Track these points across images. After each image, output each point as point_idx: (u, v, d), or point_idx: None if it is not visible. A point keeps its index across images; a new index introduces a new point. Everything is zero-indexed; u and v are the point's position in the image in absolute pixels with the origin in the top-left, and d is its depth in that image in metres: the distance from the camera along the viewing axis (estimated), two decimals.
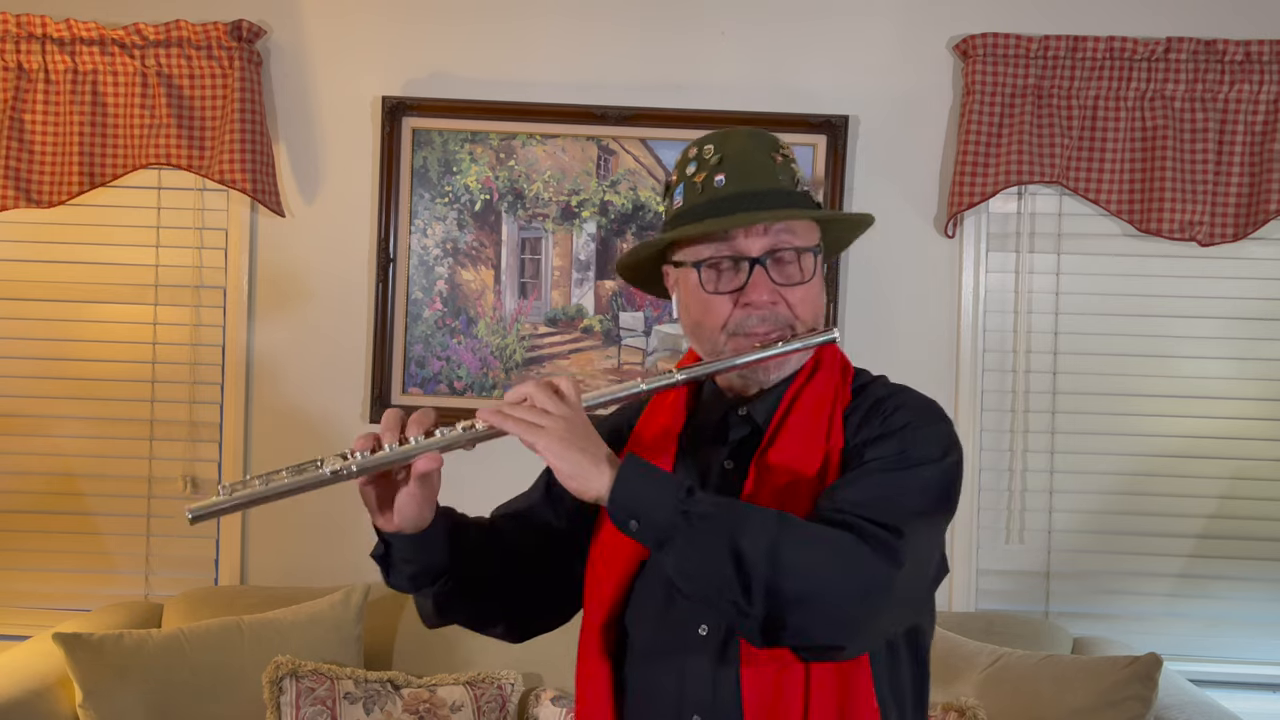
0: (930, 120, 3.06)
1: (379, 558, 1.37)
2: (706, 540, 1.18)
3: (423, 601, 1.42)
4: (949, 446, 1.34)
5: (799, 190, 1.39)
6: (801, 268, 1.37)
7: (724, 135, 1.41)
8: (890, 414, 1.34)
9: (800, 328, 1.37)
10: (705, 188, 1.37)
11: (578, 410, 1.25)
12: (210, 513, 1.24)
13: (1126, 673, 2.51)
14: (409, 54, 3.10)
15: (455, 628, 1.48)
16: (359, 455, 1.25)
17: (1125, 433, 3.06)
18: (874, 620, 1.21)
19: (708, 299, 1.36)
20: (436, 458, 1.25)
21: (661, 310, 3.08)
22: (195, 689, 2.66)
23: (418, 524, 1.30)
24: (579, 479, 1.20)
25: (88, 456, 3.16)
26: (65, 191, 3.02)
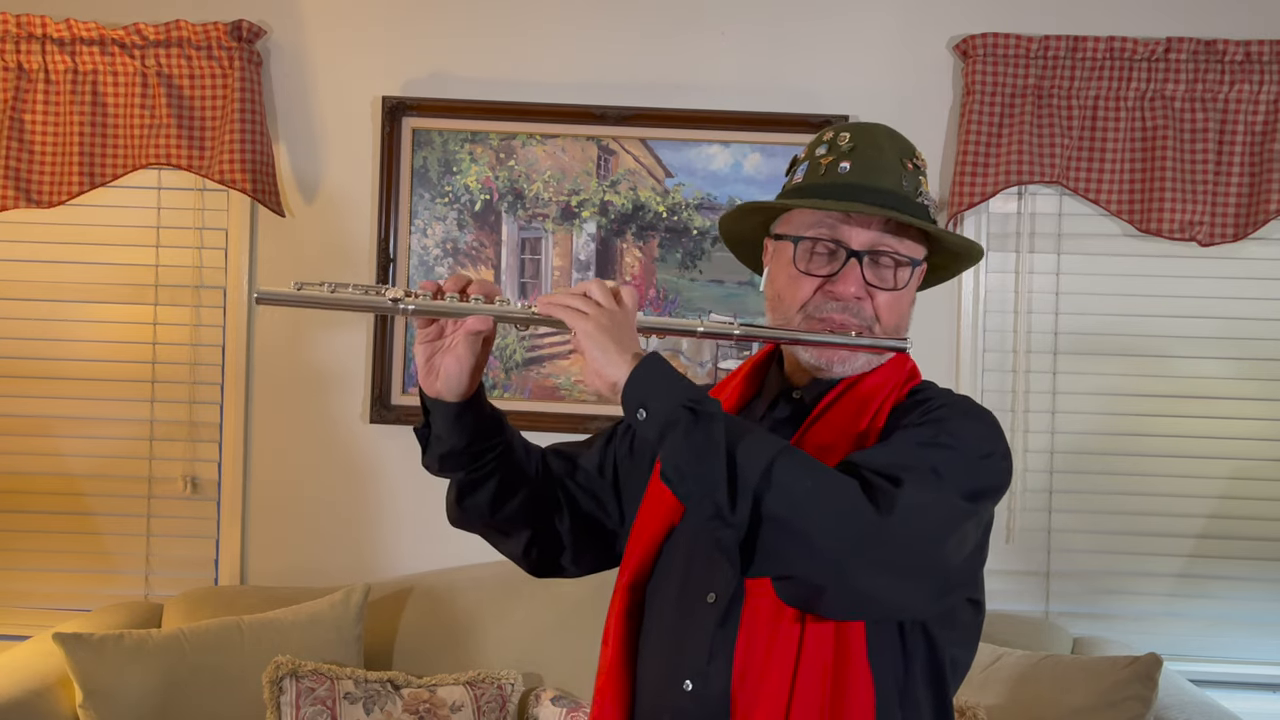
0: (930, 120, 3.06)
1: (418, 432, 1.41)
2: (705, 436, 1.17)
3: (450, 491, 1.45)
4: (992, 451, 1.30)
5: (919, 201, 1.38)
6: (897, 275, 1.36)
7: (862, 127, 1.41)
8: (936, 408, 1.33)
9: (880, 331, 1.36)
10: (829, 171, 1.37)
11: (628, 314, 1.29)
12: (275, 299, 1.30)
13: (1126, 673, 2.51)
14: (409, 54, 3.10)
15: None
16: (421, 296, 1.31)
17: (1125, 433, 3.06)
18: (855, 566, 1.16)
19: (796, 275, 1.36)
20: (488, 320, 1.32)
21: (661, 310, 3.08)
22: (195, 689, 2.66)
23: (457, 390, 1.35)
24: (603, 363, 1.23)
25: (88, 457, 3.16)
26: (65, 191, 3.02)
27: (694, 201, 3.07)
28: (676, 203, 3.07)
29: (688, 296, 3.07)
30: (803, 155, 1.43)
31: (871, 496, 1.17)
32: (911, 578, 1.22)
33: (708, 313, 3.05)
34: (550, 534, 1.49)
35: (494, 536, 1.50)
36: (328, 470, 3.12)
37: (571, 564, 1.52)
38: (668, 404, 1.20)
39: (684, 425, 1.18)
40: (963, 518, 1.25)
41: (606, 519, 1.50)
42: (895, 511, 1.17)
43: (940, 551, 1.23)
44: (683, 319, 1.35)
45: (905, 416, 1.33)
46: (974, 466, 1.27)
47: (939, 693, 1.32)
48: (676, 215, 3.07)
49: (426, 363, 1.36)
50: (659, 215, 3.07)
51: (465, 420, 1.37)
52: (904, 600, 1.24)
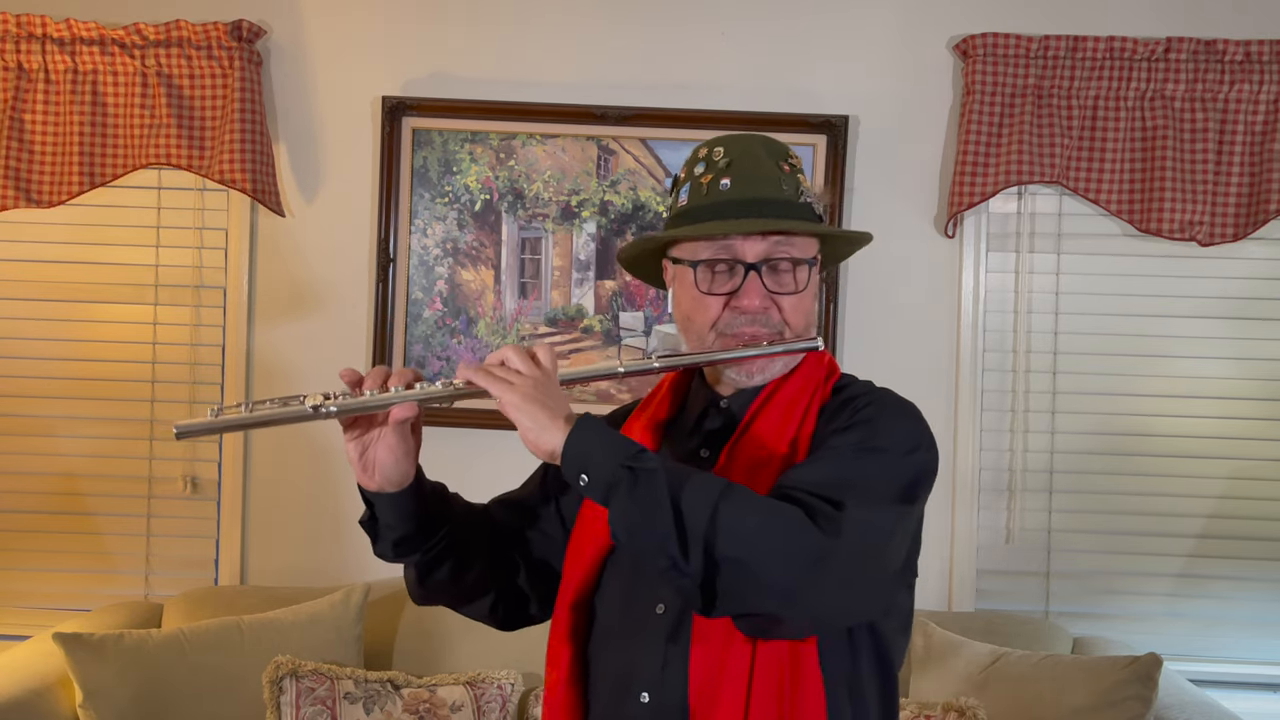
0: (930, 120, 3.06)
1: (365, 524, 1.42)
2: (649, 494, 1.20)
3: (408, 573, 1.46)
4: (918, 444, 1.34)
5: (802, 201, 1.41)
6: (796, 278, 1.40)
7: (734, 139, 1.44)
8: (861, 408, 1.36)
9: (790, 334, 1.40)
10: (710, 190, 1.40)
11: (550, 375, 1.30)
12: (195, 431, 1.28)
13: (1126, 673, 2.51)
14: (409, 54, 3.10)
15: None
16: (341, 395, 1.30)
17: (1125, 432, 3.06)
18: (810, 592, 1.20)
19: (701, 298, 1.39)
20: (413, 406, 1.31)
21: (661, 310, 3.08)
22: (195, 689, 2.66)
23: (397, 480, 1.35)
24: (536, 432, 1.24)
25: (88, 456, 3.16)
26: (65, 191, 3.02)
27: None
28: None
29: None
30: (683, 175, 1.46)
31: (817, 522, 1.20)
32: (862, 590, 1.27)
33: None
34: (513, 590, 1.51)
35: (458, 605, 1.51)
36: (328, 470, 3.12)
37: (539, 611, 1.53)
38: (607, 467, 1.22)
39: (625, 485, 1.20)
40: (900, 520, 1.30)
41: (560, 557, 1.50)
42: (842, 534, 1.20)
43: (884, 559, 1.28)
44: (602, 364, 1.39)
45: (833, 418, 1.36)
46: (904, 464, 1.31)
47: (885, 679, 1.36)
48: None
49: (360, 459, 1.35)
50: (659, 215, 3.07)
51: (410, 506, 1.38)
52: (856, 612, 1.29)
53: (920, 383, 2.94)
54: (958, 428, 3.03)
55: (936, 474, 1.37)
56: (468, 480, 1.63)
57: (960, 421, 3.03)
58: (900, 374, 1.51)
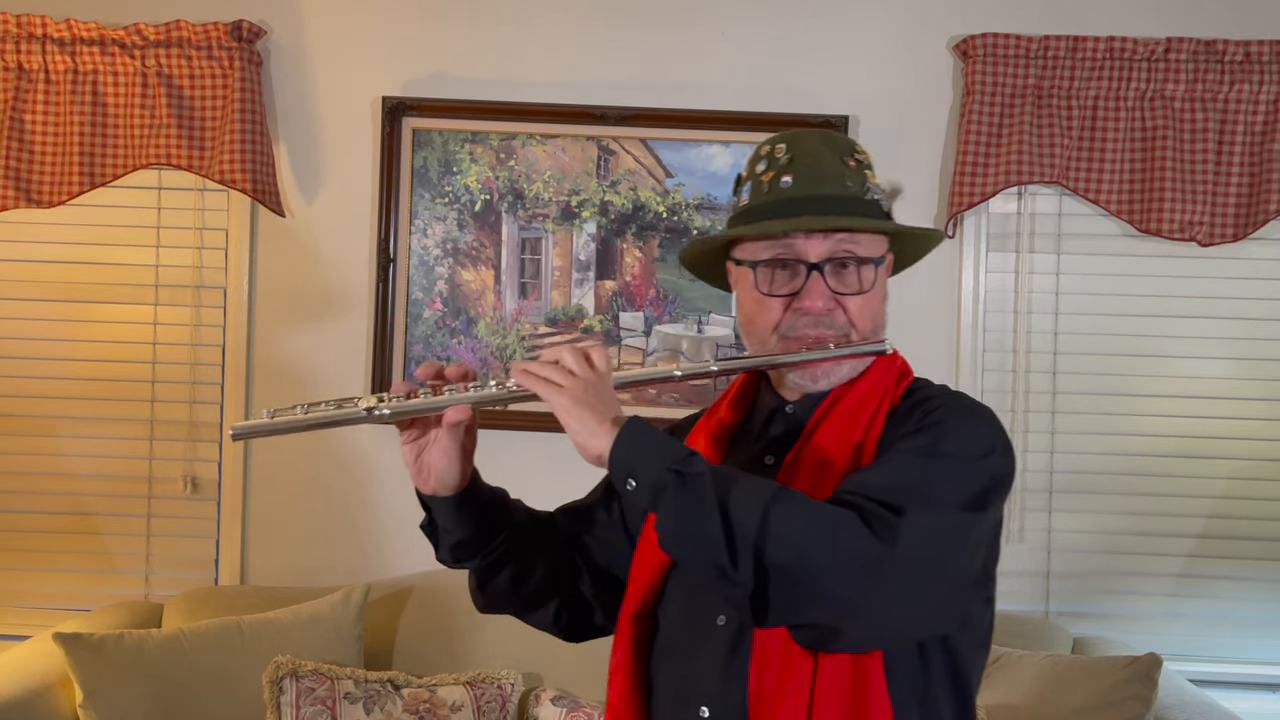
0: (930, 120, 3.06)
1: (425, 529, 1.40)
2: (696, 498, 1.16)
3: (470, 580, 1.44)
4: (991, 448, 1.28)
5: (868, 198, 1.36)
6: (861, 277, 1.34)
7: (796, 135, 1.40)
8: (932, 410, 1.30)
9: (856, 337, 1.35)
10: (771, 188, 1.36)
11: (603, 378, 1.26)
12: (251, 433, 1.28)
13: (1126, 673, 2.51)
14: (409, 54, 3.10)
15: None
16: (395, 399, 1.28)
17: (1125, 433, 3.06)
18: (867, 602, 1.15)
19: (762, 299, 1.35)
20: (467, 409, 1.29)
21: (661, 310, 3.08)
22: (195, 689, 2.66)
23: (451, 482, 1.33)
24: (584, 435, 1.21)
25: (88, 456, 3.16)
26: (65, 191, 3.02)
27: (694, 201, 3.07)
28: (676, 203, 3.07)
29: (687, 296, 3.07)
30: (745, 174, 1.42)
31: (872, 529, 1.15)
32: (926, 602, 1.21)
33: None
34: (577, 598, 1.47)
35: (522, 613, 1.48)
36: (328, 470, 3.12)
37: (605, 620, 1.49)
38: (654, 471, 1.18)
39: (673, 490, 1.17)
40: (969, 528, 1.24)
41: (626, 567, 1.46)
42: (899, 542, 1.15)
43: (951, 569, 1.22)
44: (658, 367, 1.36)
45: (903, 422, 1.30)
46: (975, 470, 1.25)
47: (961, 698, 1.30)
48: (676, 215, 3.07)
49: (415, 462, 1.33)
50: (659, 215, 3.07)
51: (467, 510, 1.36)
52: (921, 624, 1.24)
53: None
54: None
55: (1013, 481, 1.31)
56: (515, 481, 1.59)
57: None
58: None
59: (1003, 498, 1.29)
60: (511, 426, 2.96)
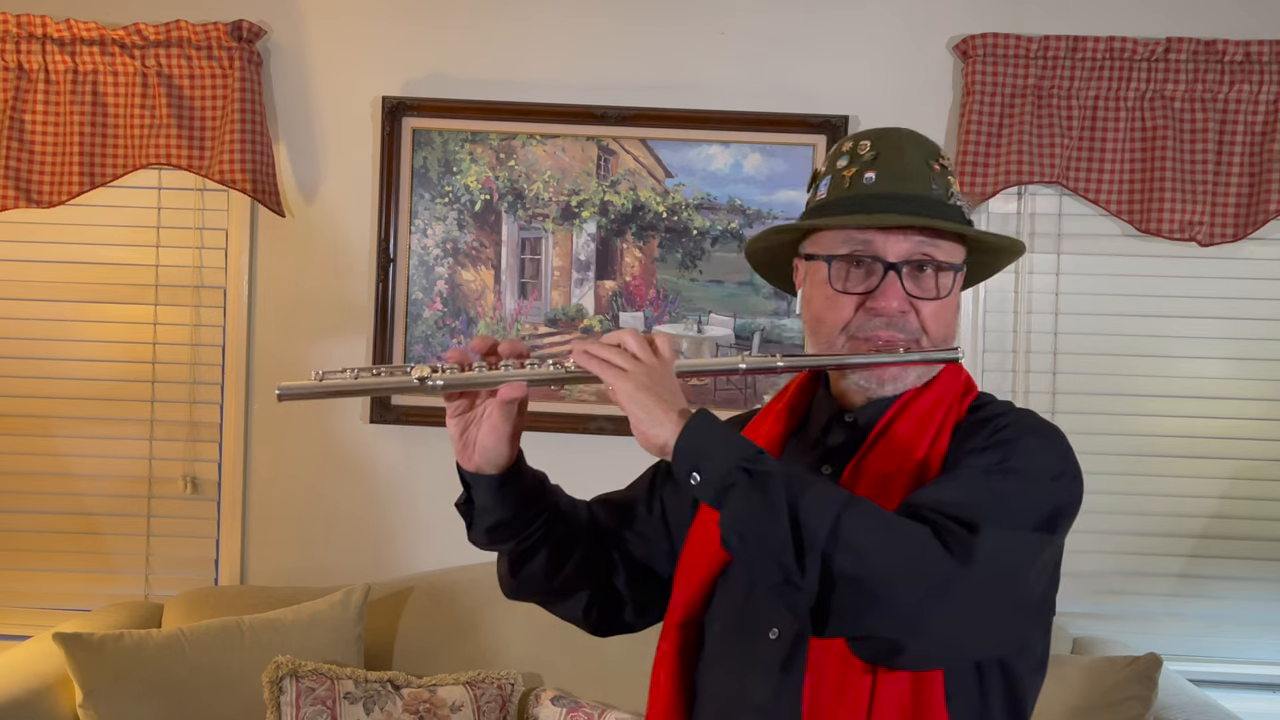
0: (930, 120, 3.06)
1: (461, 507, 1.35)
2: (765, 498, 1.11)
3: (501, 563, 1.39)
4: (1062, 471, 1.24)
5: (951, 203, 1.32)
6: (938, 283, 1.30)
7: (882, 133, 1.36)
8: (1001, 428, 1.26)
9: (928, 343, 1.31)
10: (854, 183, 1.32)
11: (666, 365, 1.23)
12: (298, 394, 1.24)
13: (1126, 673, 2.51)
14: (409, 54, 3.10)
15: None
16: (448, 370, 1.24)
17: (1125, 432, 3.06)
18: (934, 619, 1.11)
19: (834, 296, 1.30)
20: (522, 387, 1.24)
21: (661, 310, 3.08)
22: (195, 689, 2.66)
23: (497, 461, 1.28)
24: (648, 424, 1.17)
25: (88, 457, 3.16)
26: (65, 191, 3.02)
27: (694, 201, 3.07)
28: (676, 203, 3.07)
29: (688, 297, 3.07)
30: (823, 169, 1.38)
31: (947, 545, 1.11)
32: (992, 622, 1.18)
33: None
34: (609, 591, 1.43)
35: (551, 602, 1.44)
36: (328, 470, 3.12)
37: (635, 617, 1.46)
38: (721, 466, 1.14)
39: (741, 488, 1.13)
40: (1040, 549, 1.21)
41: (664, 566, 1.43)
42: (974, 561, 1.11)
43: (1020, 591, 1.19)
44: (723, 358, 1.29)
45: (969, 438, 1.27)
46: (1046, 491, 1.22)
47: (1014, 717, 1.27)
48: (676, 215, 3.07)
49: (461, 437, 1.28)
50: (659, 215, 3.07)
51: (509, 491, 1.31)
52: (985, 645, 1.21)
53: None
54: None
55: (1080, 505, 1.26)
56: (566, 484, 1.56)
57: None
58: None
59: (1070, 522, 1.25)
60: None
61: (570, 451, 2.71)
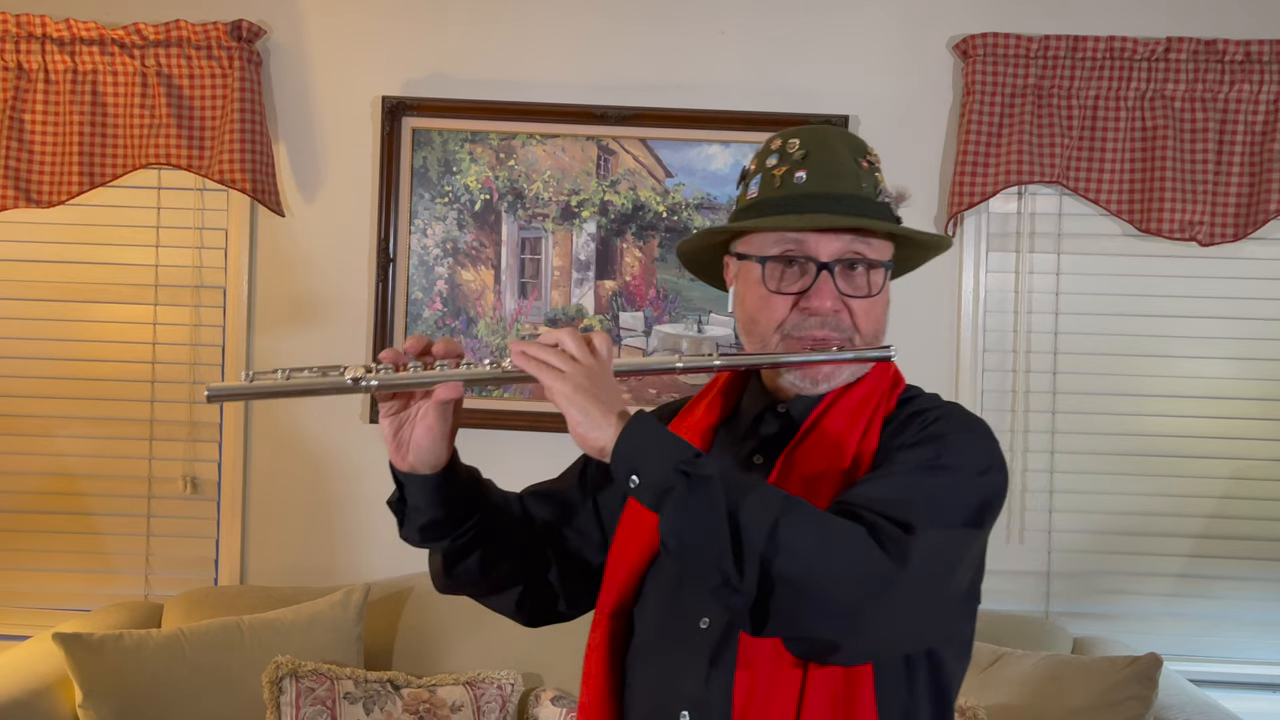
0: (930, 120, 3.06)
1: (393, 505, 1.35)
2: (704, 503, 1.12)
3: (433, 559, 1.39)
4: (990, 465, 1.27)
5: (880, 200, 1.34)
6: (870, 281, 1.32)
7: (811, 131, 1.37)
8: (930, 423, 1.29)
9: (860, 341, 1.32)
10: (784, 182, 1.33)
11: (604, 365, 1.22)
12: (228, 395, 1.22)
13: (1126, 673, 2.51)
14: (409, 54, 3.10)
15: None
16: (383, 370, 1.23)
17: (1126, 433, 3.06)
18: (871, 619, 1.14)
19: (768, 296, 1.32)
20: (458, 387, 1.23)
21: (661, 310, 3.08)
22: (195, 689, 2.66)
23: (432, 462, 1.28)
24: (587, 427, 1.17)
25: (88, 456, 3.16)
26: (65, 191, 3.02)
27: (694, 201, 3.07)
28: (676, 203, 3.07)
29: (687, 296, 3.07)
30: (752, 167, 1.38)
31: (883, 546, 1.13)
32: (926, 619, 1.20)
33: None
34: (542, 584, 1.44)
35: (484, 596, 1.44)
36: (328, 470, 3.12)
37: (568, 608, 1.47)
38: (660, 469, 1.14)
39: (680, 492, 1.13)
40: (970, 545, 1.23)
41: (596, 556, 1.44)
42: (910, 561, 1.13)
43: (952, 585, 1.22)
44: (660, 357, 1.30)
45: (900, 433, 1.29)
46: (975, 486, 1.24)
47: (941, 709, 1.29)
48: (676, 215, 3.07)
49: (395, 436, 1.28)
50: (659, 215, 3.07)
51: (443, 490, 1.30)
52: (918, 640, 1.23)
53: (920, 383, 2.92)
54: None
55: (1005, 497, 1.29)
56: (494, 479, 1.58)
57: None
58: None
59: (996, 514, 1.28)
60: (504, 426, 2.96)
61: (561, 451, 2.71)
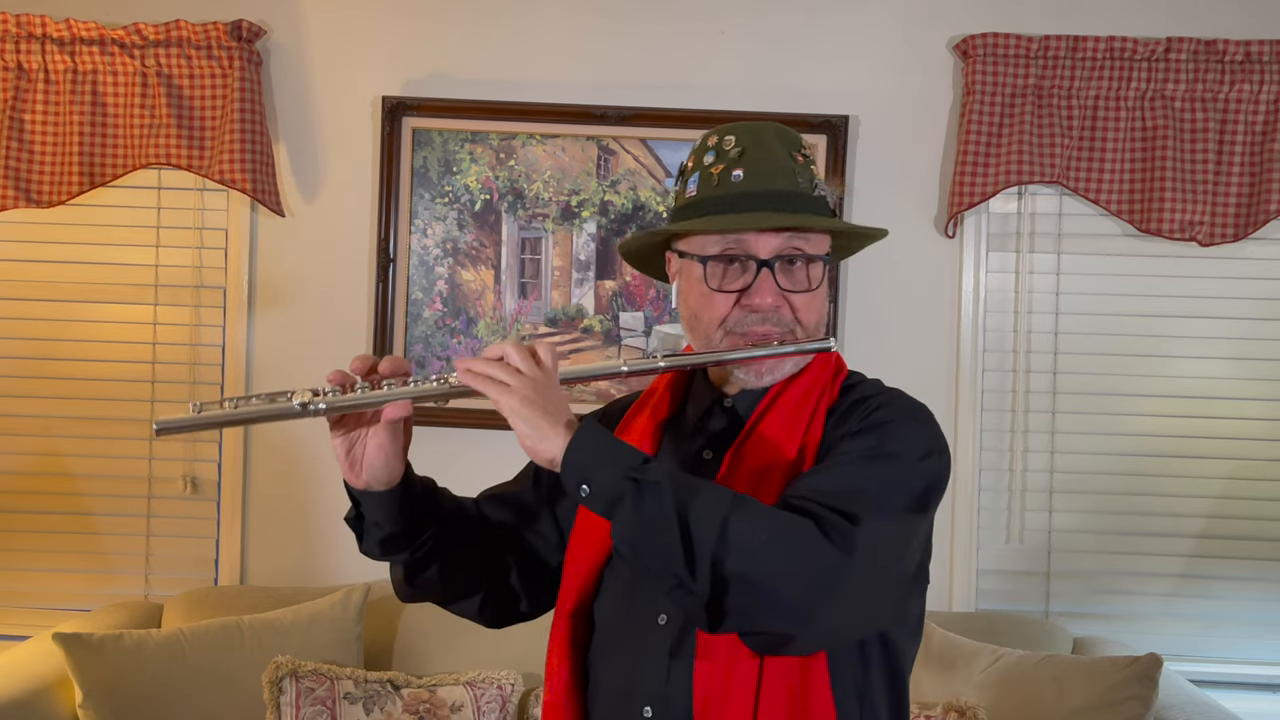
0: (930, 120, 3.06)
1: (351, 521, 1.36)
2: (654, 508, 1.15)
3: (394, 570, 1.41)
4: (930, 450, 1.29)
5: (815, 194, 1.36)
6: (809, 275, 1.34)
7: (745, 128, 1.38)
8: (872, 411, 1.31)
9: (801, 334, 1.35)
10: (721, 181, 1.34)
11: (550, 375, 1.24)
12: (176, 427, 1.21)
13: (1126, 673, 2.51)
14: (409, 54, 3.10)
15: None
16: (330, 393, 1.24)
17: (1126, 433, 3.06)
18: (823, 610, 1.16)
19: (709, 294, 1.34)
20: (407, 406, 1.25)
21: (661, 310, 3.08)
22: (195, 689, 2.66)
23: (386, 479, 1.30)
24: (535, 439, 1.19)
25: (88, 456, 3.16)
26: (65, 191, 3.02)
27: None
28: None
29: None
30: (690, 164, 1.40)
31: (830, 537, 1.15)
32: (876, 605, 1.24)
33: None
34: (503, 588, 1.46)
35: (446, 603, 1.47)
36: (328, 470, 3.12)
37: (530, 608, 1.49)
38: (610, 478, 1.17)
39: (630, 499, 1.15)
40: (914, 531, 1.26)
41: (554, 556, 1.46)
42: (856, 551, 1.16)
43: (899, 570, 1.25)
44: (606, 363, 1.32)
45: (843, 422, 1.32)
46: (917, 471, 1.27)
47: (895, 688, 1.32)
48: None
49: (347, 456, 1.29)
50: (659, 215, 3.07)
51: (398, 505, 1.32)
52: (869, 626, 1.27)
53: (920, 383, 2.91)
54: (958, 428, 3.03)
55: (949, 479, 1.32)
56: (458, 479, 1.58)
57: (960, 422, 3.04)
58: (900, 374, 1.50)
59: (940, 497, 1.31)
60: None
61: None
